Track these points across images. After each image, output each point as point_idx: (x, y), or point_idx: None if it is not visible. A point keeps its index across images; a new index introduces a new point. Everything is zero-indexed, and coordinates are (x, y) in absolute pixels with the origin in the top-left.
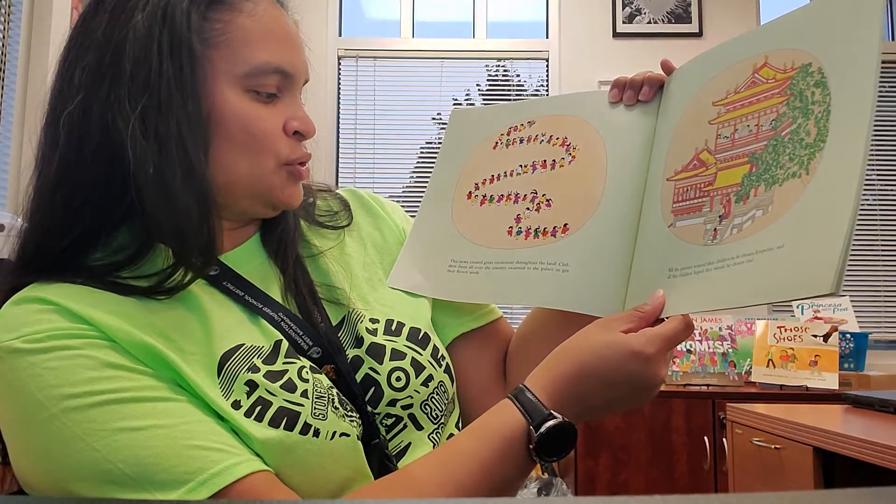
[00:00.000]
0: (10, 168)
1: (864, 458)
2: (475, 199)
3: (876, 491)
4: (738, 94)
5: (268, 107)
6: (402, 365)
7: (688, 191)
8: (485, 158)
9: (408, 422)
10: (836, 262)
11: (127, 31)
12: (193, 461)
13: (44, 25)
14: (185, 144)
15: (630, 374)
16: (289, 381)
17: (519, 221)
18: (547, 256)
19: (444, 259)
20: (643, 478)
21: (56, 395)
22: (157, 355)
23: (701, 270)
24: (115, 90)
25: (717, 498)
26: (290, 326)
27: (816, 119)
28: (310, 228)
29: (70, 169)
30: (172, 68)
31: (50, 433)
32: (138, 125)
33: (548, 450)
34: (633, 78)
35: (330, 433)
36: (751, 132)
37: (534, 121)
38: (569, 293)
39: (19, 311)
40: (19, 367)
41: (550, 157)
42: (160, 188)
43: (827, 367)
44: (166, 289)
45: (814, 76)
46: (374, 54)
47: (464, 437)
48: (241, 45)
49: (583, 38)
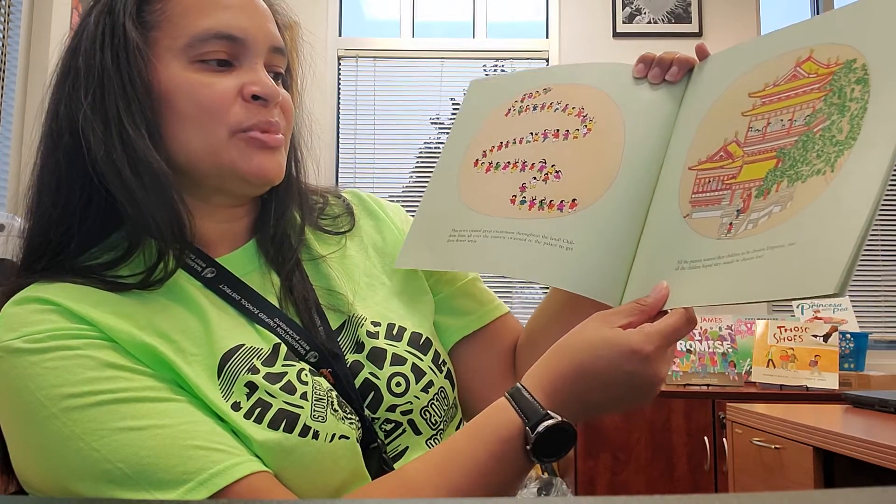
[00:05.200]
0: (10, 168)
1: (864, 458)
2: (481, 167)
3: (876, 491)
4: (776, 87)
5: (219, 75)
6: (402, 370)
7: (710, 182)
8: (495, 125)
9: (407, 427)
10: (844, 263)
11: (83, 30)
12: (193, 461)
13: (44, 25)
14: (125, 127)
15: (629, 373)
16: (288, 383)
17: (524, 190)
18: (551, 230)
19: (445, 229)
20: (643, 478)
21: (56, 395)
22: (157, 356)
23: (710, 264)
24: (74, 85)
25: (717, 498)
26: (286, 332)
27: (851, 116)
28: (312, 232)
29: (51, 168)
30: (110, 55)
31: (50, 432)
32: (89, 113)
33: (545, 450)
34: (661, 56)
35: (329, 435)
36: (783, 127)
37: (550, 88)
38: (570, 272)
39: (20, 311)
40: (20, 367)
41: (564, 127)
42: (114, 173)
43: (827, 367)
44: (155, 280)
45: (857, 72)
46: (374, 54)
47: (460, 438)
48: (181, 18)
49: (583, 38)
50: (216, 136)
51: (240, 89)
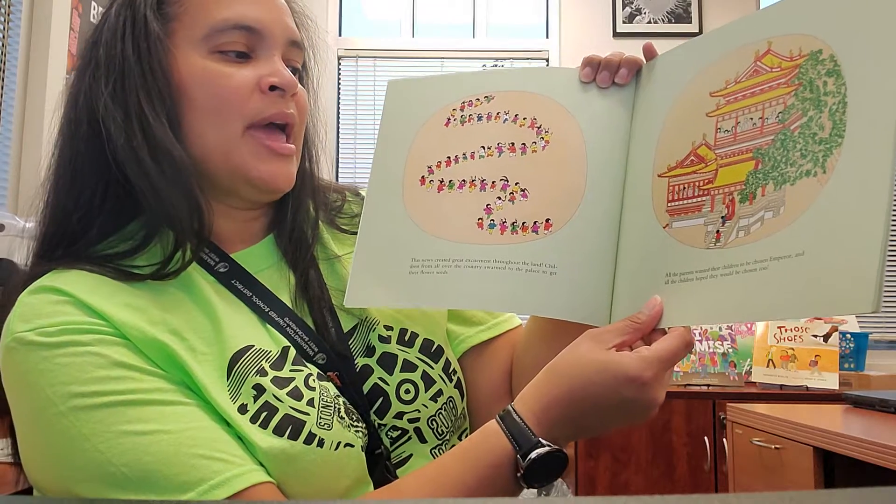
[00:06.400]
0: (10, 168)
1: (864, 458)
2: (430, 185)
3: (876, 491)
4: (738, 84)
5: (237, 66)
6: (412, 377)
7: (685, 188)
8: (436, 137)
9: (413, 435)
10: (874, 276)
11: (104, 23)
12: (195, 470)
13: (44, 25)
14: (146, 115)
15: (626, 400)
16: (295, 388)
17: (490, 212)
18: (531, 256)
19: (403, 259)
20: (643, 478)
21: (64, 393)
22: (168, 354)
23: (704, 276)
24: (95, 75)
25: (717, 498)
26: (295, 332)
27: (831, 112)
28: (329, 232)
29: (69, 157)
30: (131, 45)
31: (57, 430)
32: (109, 102)
33: (537, 477)
34: (608, 57)
35: (334, 444)
36: (755, 125)
37: (492, 95)
38: (557, 299)
39: (35, 301)
40: (32, 361)
41: (520, 141)
42: (134, 161)
43: (827, 367)
44: (170, 272)
45: (825, 64)
46: (374, 54)
47: (450, 461)
48: (200, 9)
49: (583, 38)
50: (231, 130)
51: (257, 81)
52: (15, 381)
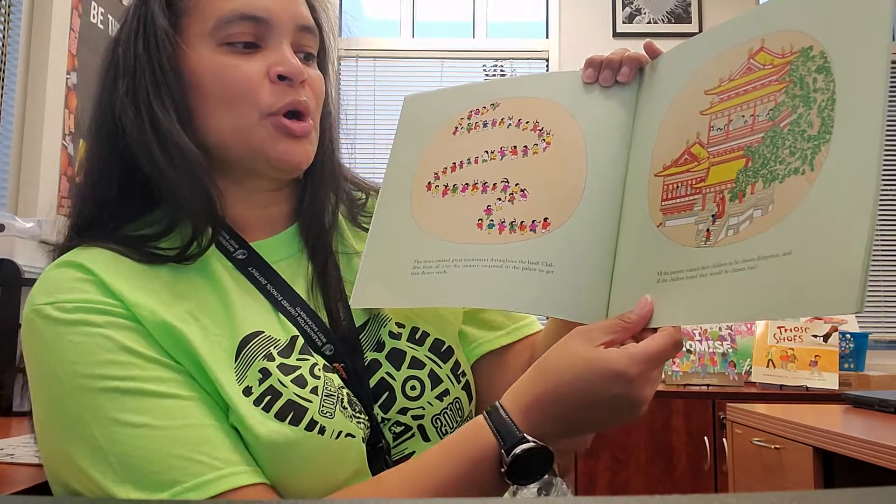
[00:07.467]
0: (10, 168)
1: (864, 458)
2: (436, 190)
3: (876, 491)
4: (732, 82)
5: (245, 57)
6: (419, 374)
7: (678, 187)
8: (444, 145)
9: (416, 432)
10: (858, 276)
11: (124, 23)
12: (172, 471)
13: (44, 25)
14: (154, 109)
15: (613, 396)
16: (300, 376)
17: (490, 213)
18: (527, 254)
19: (406, 261)
20: (643, 478)
21: (71, 372)
22: (177, 338)
23: (694, 275)
24: (113, 75)
25: (717, 498)
26: (305, 321)
27: (819, 109)
28: (350, 228)
29: (95, 152)
30: (142, 43)
31: (59, 408)
32: (124, 99)
33: (520, 473)
34: (609, 57)
35: (335, 432)
36: (746, 123)
37: (497, 103)
38: (553, 297)
39: (57, 276)
40: (48, 335)
41: (522, 143)
42: (145, 154)
43: (827, 367)
44: (189, 255)
45: (815, 60)
46: (374, 54)
47: (435, 454)
48: (207, 2)
49: (583, 38)
50: (247, 118)
51: (266, 70)
52: (31, 350)
